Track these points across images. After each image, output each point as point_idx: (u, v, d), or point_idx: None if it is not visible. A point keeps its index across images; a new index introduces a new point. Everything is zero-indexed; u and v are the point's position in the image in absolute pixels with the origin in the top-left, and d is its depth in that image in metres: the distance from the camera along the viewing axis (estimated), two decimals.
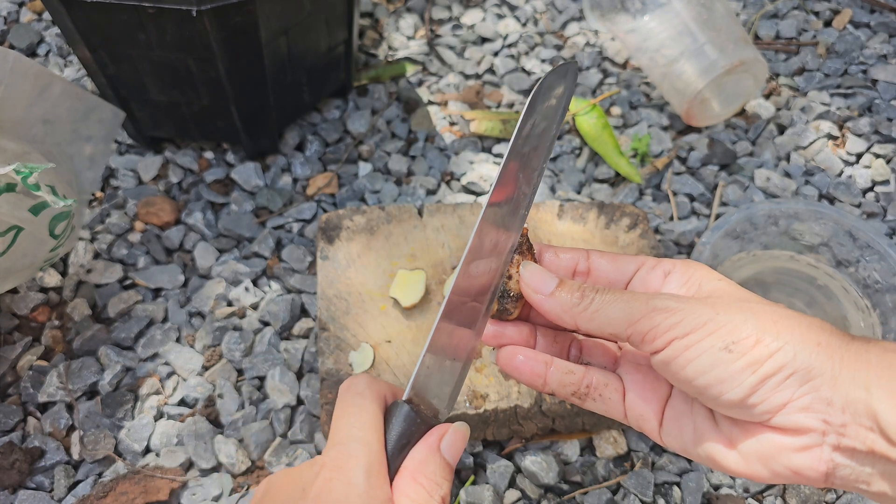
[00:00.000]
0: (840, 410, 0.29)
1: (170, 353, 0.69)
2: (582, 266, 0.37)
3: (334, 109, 0.90)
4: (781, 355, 0.29)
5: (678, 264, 0.35)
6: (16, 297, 0.71)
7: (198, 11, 0.64)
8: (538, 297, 0.35)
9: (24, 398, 0.65)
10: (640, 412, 0.36)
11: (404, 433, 0.33)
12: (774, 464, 0.30)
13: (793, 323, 0.30)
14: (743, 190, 0.83)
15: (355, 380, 0.35)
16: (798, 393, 0.29)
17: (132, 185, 0.81)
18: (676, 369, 0.31)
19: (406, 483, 0.32)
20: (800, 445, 0.30)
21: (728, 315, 0.30)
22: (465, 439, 0.34)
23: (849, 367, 0.29)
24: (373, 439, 0.32)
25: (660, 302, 0.32)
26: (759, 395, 0.29)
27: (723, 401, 0.30)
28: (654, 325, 0.31)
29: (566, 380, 0.36)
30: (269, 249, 0.76)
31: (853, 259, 0.69)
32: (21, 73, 0.61)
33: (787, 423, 0.30)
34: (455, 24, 1.01)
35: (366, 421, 0.33)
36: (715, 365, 0.30)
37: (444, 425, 0.34)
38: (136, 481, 0.61)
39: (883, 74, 0.94)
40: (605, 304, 0.33)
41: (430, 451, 0.33)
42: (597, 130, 0.85)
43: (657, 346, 0.31)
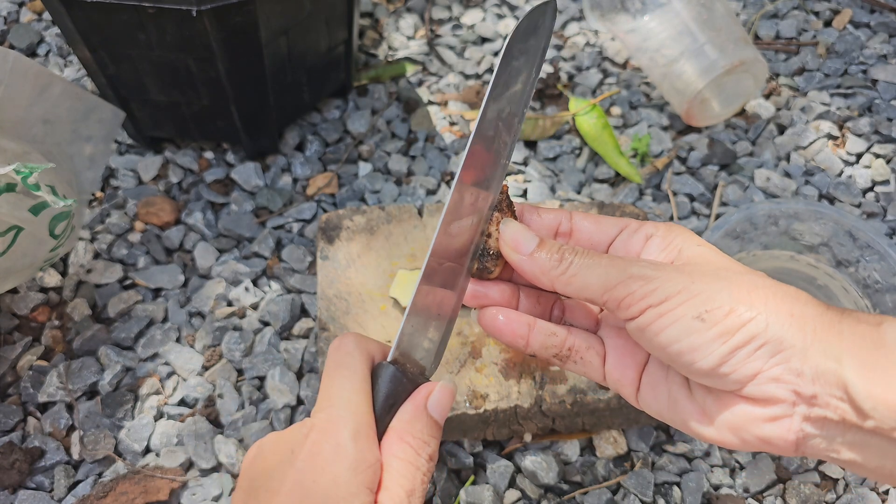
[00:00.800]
0: (810, 381, 0.29)
1: (170, 353, 0.69)
2: (564, 227, 0.37)
3: (334, 109, 0.90)
4: (753, 325, 0.29)
5: (661, 228, 0.35)
6: (16, 297, 0.71)
7: (198, 11, 0.64)
8: (517, 256, 0.35)
9: (24, 398, 0.65)
10: (618, 377, 0.36)
11: (391, 393, 0.33)
12: (745, 433, 0.31)
13: (768, 293, 0.30)
14: (743, 190, 0.83)
15: (344, 339, 0.35)
16: (769, 364, 0.29)
17: (132, 185, 0.81)
18: (650, 336, 0.31)
19: (394, 443, 0.32)
20: (770, 415, 0.30)
21: (703, 283, 0.31)
22: (451, 396, 0.34)
23: (821, 338, 0.29)
24: (360, 401, 0.32)
25: (636, 269, 0.32)
26: (729, 365, 0.30)
27: (695, 369, 0.31)
28: (630, 292, 0.31)
29: (548, 342, 0.36)
30: (269, 249, 0.76)
31: (853, 259, 0.69)
32: (21, 73, 0.61)
33: (757, 393, 0.30)
34: (455, 24, 1.01)
35: (354, 382, 0.33)
36: (687, 333, 0.30)
37: (430, 384, 0.34)
38: (136, 481, 0.61)
39: (883, 74, 0.94)
40: (583, 268, 0.33)
41: (417, 409, 0.33)
42: (597, 130, 0.85)
43: (632, 313, 0.31)
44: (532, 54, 0.37)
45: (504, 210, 0.37)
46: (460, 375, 0.61)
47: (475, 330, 0.64)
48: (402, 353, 0.34)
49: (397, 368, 0.34)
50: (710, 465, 0.64)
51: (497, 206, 0.37)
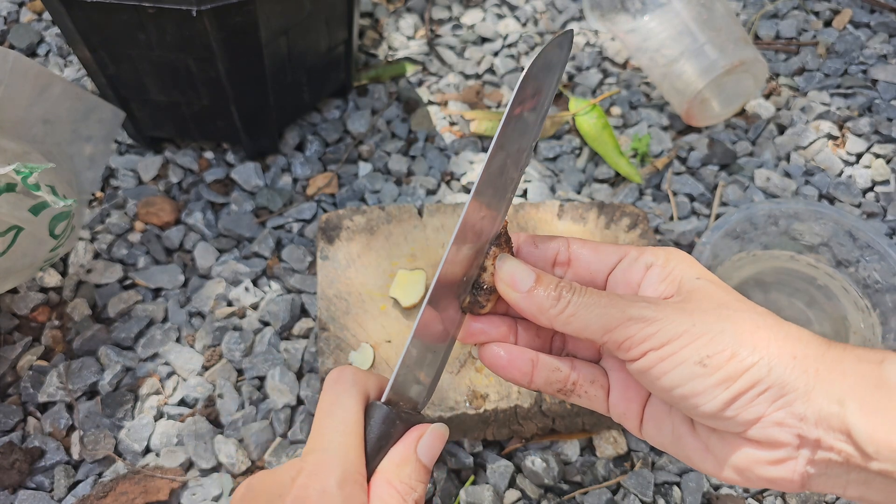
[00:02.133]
0: (814, 425, 0.29)
1: (170, 353, 0.69)
2: (563, 256, 0.36)
3: (334, 109, 0.90)
4: (756, 370, 0.29)
5: (660, 256, 0.34)
6: (16, 297, 0.71)
7: (198, 11, 0.64)
8: (514, 294, 0.34)
9: (24, 398, 0.65)
10: (622, 410, 0.35)
11: (383, 435, 0.33)
12: (749, 473, 0.31)
13: (770, 334, 0.30)
14: (743, 190, 0.83)
15: (342, 374, 0.34)
16: (772, 408, 0.29)
17: (132, 185, 0.81)
18: (652, 379, 0.31)
19: (381, 486, 0.32)
20: (774, 458, 0.30)
21: (705, 325, 0.30)
22: (442, 441, 0.33)
23: (823, 381, 0.29)
24: (351, 444, 0.32)
25: (636, 311, 0.31)
26: (732, 410, 0.29)
27: (698, 412, 0.30)
28: (630, 336, 0.31)
29: (552, 377, 0.36)
30: (269, 249, 0.76)
31: (853, 259, 0.69)
32: (21, 73, 0.61)
33: (761, 437, 0.30)
34: (455, 24, 1.01)
35: (347, 424, 0.32)
36: (690, 378, 0.30)
37: (421, 426, 0.34)
38: (136, 481, 0.61)
39: (883, 74, 0.94)
40: (581, 308, 0.32)
41: (407, 453, 0.33)
42: (597, 130, 0.85)
43: (632, 356, 0.31)
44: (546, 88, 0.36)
45: (502, 245, 0.36)
46: (460, 375, 0.61)
47: None
48: (395, 392, 0.34)
49: (391, 409, 0.33)
50: None
51: (496, 241, 0.36)
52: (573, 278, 0.37)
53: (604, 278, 0.36)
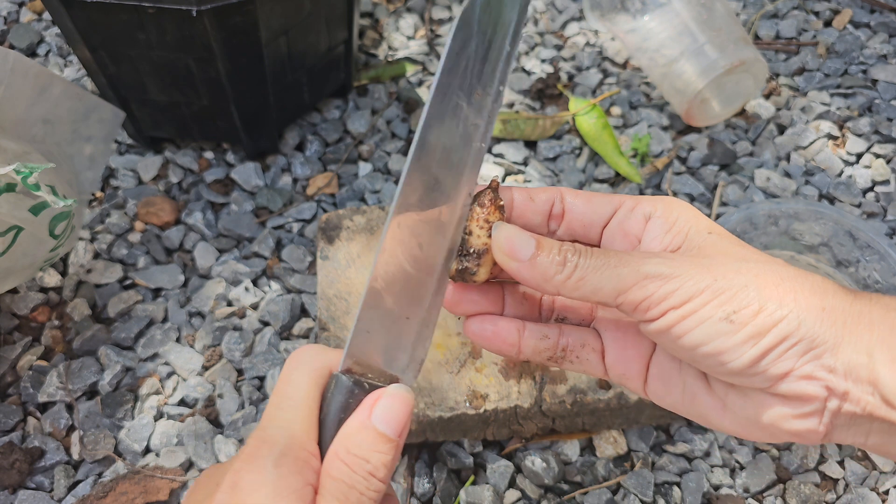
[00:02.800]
0: (843, 377, 0.28)
1: (170, 353, 0.69)
2: (557, 208, 0.34)
3: (334, 109, 0.90)
4: (785, 325, 0.28)
5: (659, 205, 0.33)
6: (16, 297, 0.71)
7: (198, 11, 0.64)
8: (515, 264, 0.31)
9: (24, 398, 0.65)
10: (622, 370, 0.34)
11: (342, 407, 0.30)
12: (772, 428, 0.30)
13: (796, 285, 0.29)
14: (743, 190, 0.83)
15: (301, 351, 0.32)
16: (801, 362, 0.28)
17: (132, 185, 0.81)
18: (672, 339, 0.29)
19: (329, 461, 0.29)
20: (800, 412, 0.29)
21: (727, 280, 0.29)
22: (404, 404, 0.30)
23: (851, 332, 0.28)
24: (297, 418, 0.29)
25: (652, 267, 0.29)
26: (761, 366, 0.28)
27: (723, 370, 0.29)
28: (648, 295, 0.29)
29: (541, 345, 0.34)
30: (269, 249, 0.76)
31: (853, 259, 0.69)
32: (21, 73, 0.61)
33: (789, 391, 0.29)
34: None
35: (294, 399, 0.30)
36: (715, 336, 0.28)
37: (377, 391, 0.30)
38: (136, 481, 0.61)
39: (883, 74, 0.94)
40: (591, 272, 0.30)
41: (359, 422, 0.30)
42: (597, 130, 0.85)
43: (651, 316, 0.29)
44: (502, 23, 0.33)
45: (489, 206, 0.33)
46: (460, 375, 0.61)
47: None
48: (357, 362, 0.31)
49: (349, 378, 0.30)
50: (711, 465, 0.64)
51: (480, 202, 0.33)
52: (566, 232, 0.35)
53: (599, 231, 0.34)
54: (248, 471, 0.28)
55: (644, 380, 0.34)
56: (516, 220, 0.35)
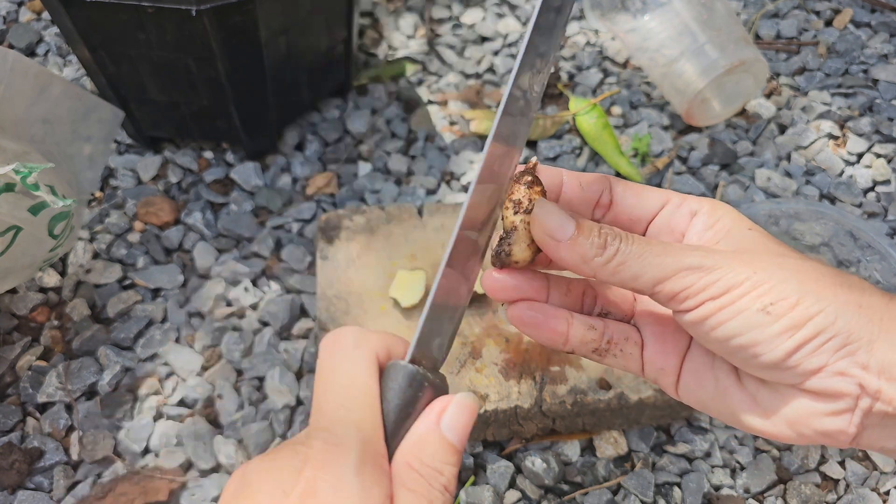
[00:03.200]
0: (876, 374, 0.28)
1: (169, 354, 0.69)
2: (605, 198, 0.34)
3: (334, 109, 0.90)
4: (822, 318, 0.28)
5: (705, 204, 0.33)
6: (15, 298, 0.71)
7: (197, 11, 0.64)
8: (554, 243, 0.30)
9: (23, 398, 0.65)
10: (659, 366, 0.34)
11: (409, 402, 0.28)
12: (802, 426, 0.29)
13: (835, 281, 0.29)
14: (744, 190, 0.83)
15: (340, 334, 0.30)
16: (835, 357, 0.28)
17: (131, 185, 0.81)
18: (707, 329, 0.29)
19: (403, 470, 0.27)
20: (832, 410, 0.29)
21: (766, 273, 0.29)
22: (470, 413, 0.29)
23: (888, 330, 0.28)
24: (366, 418, 0.27)
25: (693, 259, 0.29)
26: (795, 359, 0.28)
27: (756, 363, 0.29)
28: (688, 286, 0.29)
29: (587, 336, 0.33)
30: (268, 249, 0.76)
31: (854, 259, 0.69)
32: (21, 73, 0.61)
33: (820, 387, 0.28)
34: (455, 23, 1.01)
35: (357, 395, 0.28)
36: (751, 327, 0.28)
37: (445, 397, 0.29)
38: (136, 482, 0.60)
39: (884, 74, 0.94)
40: (632, 258, 0.30)
41: (429, 430, 0.28)
42: (597, 130, 0.85)
43: (688, 306, 0.29)
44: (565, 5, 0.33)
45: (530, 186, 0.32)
46: (460, 375, 0.61)
47: (475, 330, 0.63)
48: (419, 349, 0.29)
49: (417, 369, 0.28)
50: (711, 466, 0.64)
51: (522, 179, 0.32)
52: (611, 222, 0.34)
53: (645, 225, 0.34)
54: (326, 480, 0.26)
55: (677, 376, 0.33)
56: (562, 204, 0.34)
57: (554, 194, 0.34)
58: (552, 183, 0.34)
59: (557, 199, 0.34)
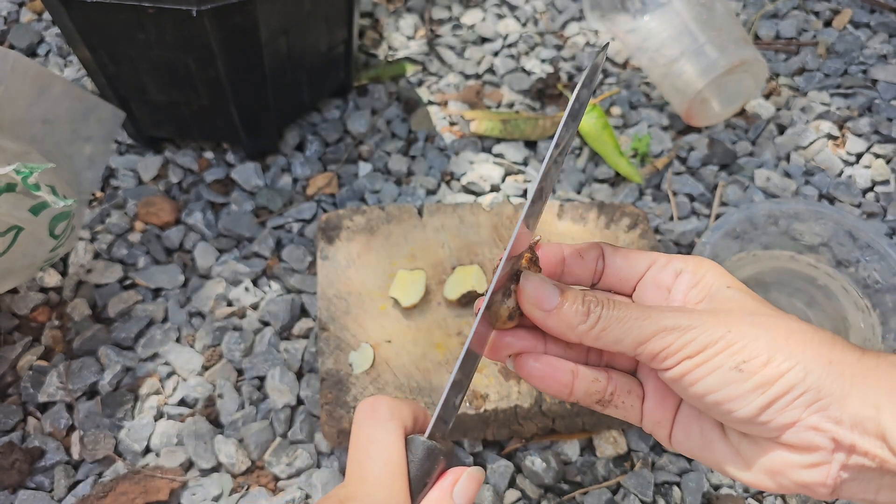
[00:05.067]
0: (849, 429, 0.29)
1: (170, 353, 0.69)
2: (599, 266, 0.36)
3: (334, 109, 0.90)
4: (792, 375, 0.29)
5: (689, 263, 0.35)
6: (16, 298, 0.71)
7: (197, 11, 0.64)
8: (540, 313, 0.33)
9: (24, 398, 0.65)
10: (657, 418, 0.35)
11: (427, 472, 0.32)
12: (781, 478, 0.31)
13: (805, 338, 0.30)
14: (743, 190, 0.83)
15: (377, 405, 0.33)
16: (807, 413, 0.29)
17: (132, 185, 0.81)
18: (686, 386, 0.31)
19: None
20: (808, 462, 0.30)
21: (739, 332, 0.30)
22: (478, 483, 0.32)
23: (859, 385, 0.29)
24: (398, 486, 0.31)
25: (670, 320, 0.31)
26: (767, 414, 0.29)
27: (732, 418, 0.30)
28: (666, 346, 0.31)
29: (592, 388, 0.35)
30: (269, 249, 0.76)
31: (853, 259, 0.69)
32: (21, 73, 0.61)
33: (796, 441, 0.30)
34: (455, 23, 1.01)
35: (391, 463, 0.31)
36: (725, 383, 0.30)
37: (458, 469, 0.32)
38: (136, 481, 0.61)
39: (883, 74, 0.94)
40: (613, 322, 0.32)
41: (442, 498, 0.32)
42: (597, 130, 0.85)
43: (668, 365, 0.31)
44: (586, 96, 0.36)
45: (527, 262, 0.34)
46: None
47: None
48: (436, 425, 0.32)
49: (435, 445, 0.32)
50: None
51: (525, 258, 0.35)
52: (603, 285, 0.37)
53: (633, 284, 0.36)
54: None
55: (670, 429, 0.35)
56: (567, 276, 0.36)
57: (558, 268, 0.36)
58: (554, 259, 0.36)
59: (561, 273, 0.36)
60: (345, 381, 0.61)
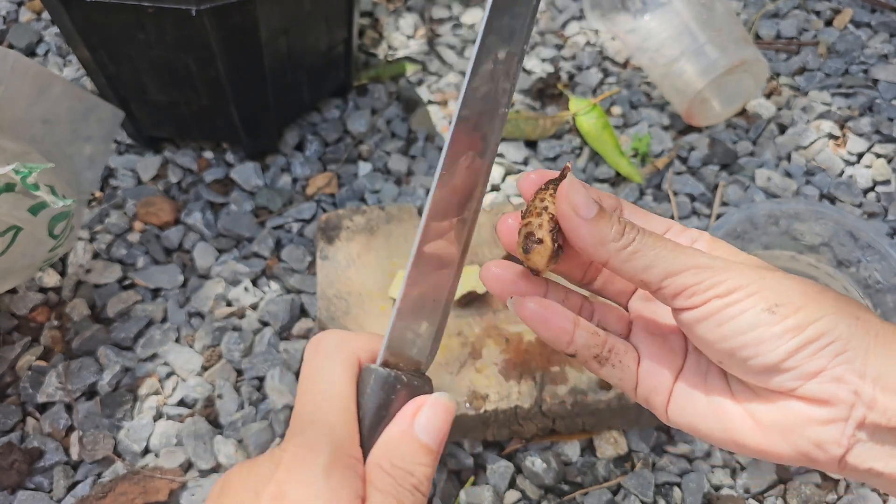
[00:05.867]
0: (871, 383, 0.28)
1: (169, 354, 0.69)
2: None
3: (334, 109, 0.90)
4: (824, 323, 0.29)
5: (704, 235, 0.34)
6: (15, 298, 0.71)
7: (197, 11, 0.64)
8: (576, 219, 0.31)
9: (23, 398, 0.65)
10: (653, 384, 0.34)
11: (382, 404, 0.29)
12: (796, 436, 0.30)
13: (833, 295, 0.30)
14: (744, 190, 0.83)
15: (322, 339, 0.30)
16: (833, 363, 0.29)
17: (131, 185, 0.81)
18: (710, 328, 0.30)
19: (373, 471, 0.28)
20: (826, 417, 0.29)
21: (773, 280, 0.30)
22: (446, 413, 0.29)
23: (882, 344, 0.29)
24: (339, 421, 0.28)
25: (705, 259, 0.30)
26: (795, 360, 0.29)
27: (754, 364, 0.29)
28: (697, 282, 0.30)
29: (591, 341, 0.34)
30: (268, 249, 0.76)
31: (854, 259, 0.69)
32: (21, 73, 0.60)
33: (817, 393, 0.29)
34: (455, 23, 1.01)
35: (332, 397, 0.28)
36: (755, 326, 0.29)
37: (419, 398, 0.30)
38: (136, 482, 0.60)
39: (884, 74, 0.93)
40: (646, 248, 0.30)
41: (402, 431, 0.29)
42: (597, 130, 0.85)
43: (694, 303, 0.30)
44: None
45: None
46: (460, 376, 0.61)
47: (475, 330, 0.63)
48: (393, 352, 0.30)
49: (389, 372, 0.29)
50: (711, 466, 0.64)
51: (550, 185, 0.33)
52: None
53: None
54: (295, 482, 0.26)
55: (668, 396, 0.34)
56: None
57: None
58: None
59: None
60: None
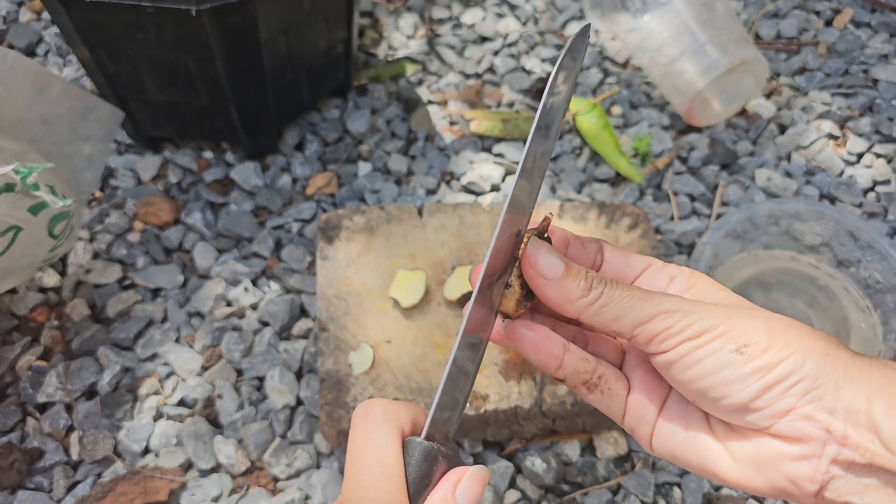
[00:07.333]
0: (842, 420, 0.29)
1: (169, 354, 0.69)
2: (598, 259, 0.36)
3: (334, 109, 0.90)
4: (791, 362, 0.29)
5: (684, 271, 0.35)
6: (15, 298, 0.71)
7: (197, 11, 0.64)
8: (542, 281, 0.32)
9: (23, 398, 0.65)
10: (641, 413, 0.35)
11: (425, 475, 0.31)
12: (771, 471, 0.30)
13: (802, 332, 0.30)
14: (744, 190, 0.83)
15: (371, 407, 0.32)
16: (802, 401, 0.29)
17: (131, 185, 0.81)
18: (681, 370, 0.31)
19: None
20: (799, 454, 0.30)
21: (740, 319, 0.30)
22: (482, 483, 0.31)
23: (852, 379, 0.29)
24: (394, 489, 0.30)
25: (672, 304, 0.31)
26: (764, 400, 0.29)
27: (725, 404, 0.30)
28: (666, 327, 0.31)
29: (581, 367, 0.34)
30: (268, 249, 0.76)
31: (854, 259, 0.69)
32: (20, 73, 0.60)
33: (788, 431, 0.30)
34: (455, 23, 1.01)
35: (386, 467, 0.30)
36: (724, 366, 0.30)
37: (460, 469, 0.32)
38: (136, 482, 0.60)
39: (884, 74, 0.93)
40: (614, 300, 0.31)
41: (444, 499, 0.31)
42: (597, 130, 0.85)
43: (666, 347, 0.31)
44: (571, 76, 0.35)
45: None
46: None
47: None
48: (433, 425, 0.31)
49: (432, 446, 0.31)
50: None
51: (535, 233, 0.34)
52: None
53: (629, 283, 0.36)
54: None
55: (653, 427, 0.35)
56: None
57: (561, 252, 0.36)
58: (560, 241, 0.36)
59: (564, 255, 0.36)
60: (344, 381, 0.61)
